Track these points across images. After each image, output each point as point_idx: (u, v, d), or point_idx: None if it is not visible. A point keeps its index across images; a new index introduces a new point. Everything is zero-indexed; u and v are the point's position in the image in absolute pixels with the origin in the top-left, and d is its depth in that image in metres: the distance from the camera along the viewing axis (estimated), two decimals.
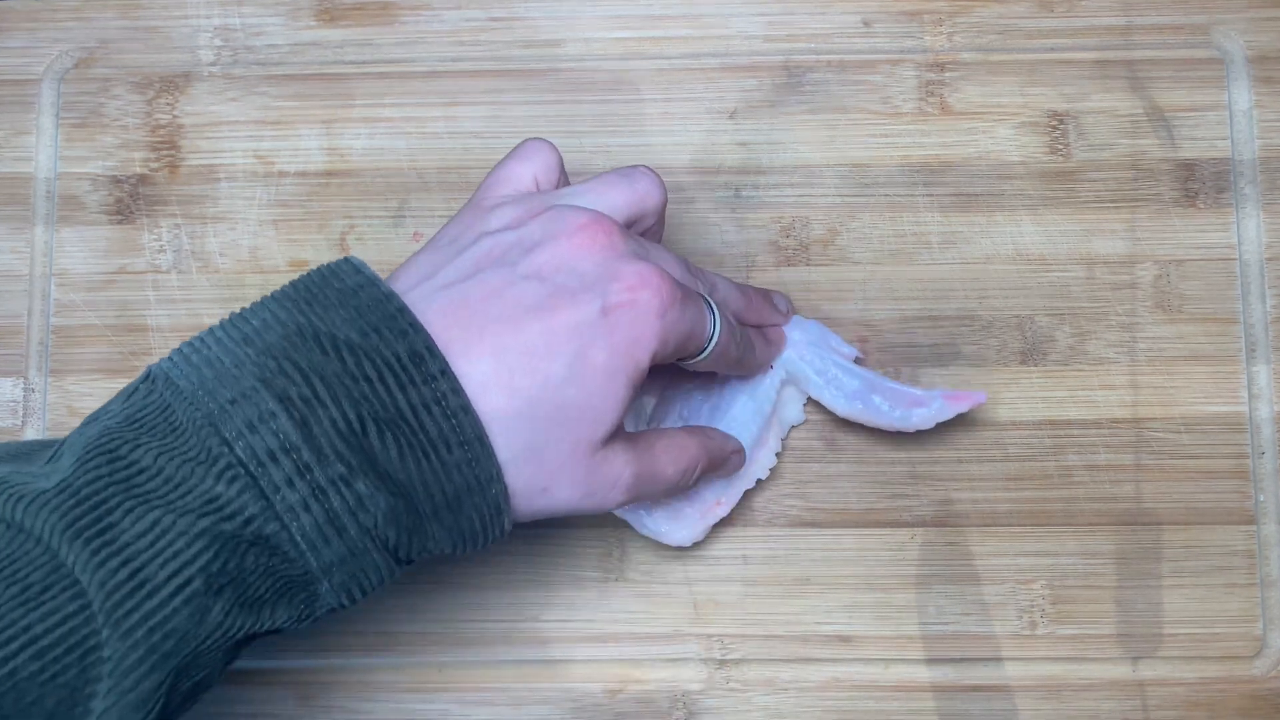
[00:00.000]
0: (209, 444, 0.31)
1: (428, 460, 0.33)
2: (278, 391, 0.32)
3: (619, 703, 0.45)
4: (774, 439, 0.45)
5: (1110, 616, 0.45)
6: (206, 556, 0.31)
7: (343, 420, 0.32)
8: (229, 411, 0.31)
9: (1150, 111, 0.48)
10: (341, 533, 0.32)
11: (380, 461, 0.32)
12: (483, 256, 0.35)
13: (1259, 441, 0.46)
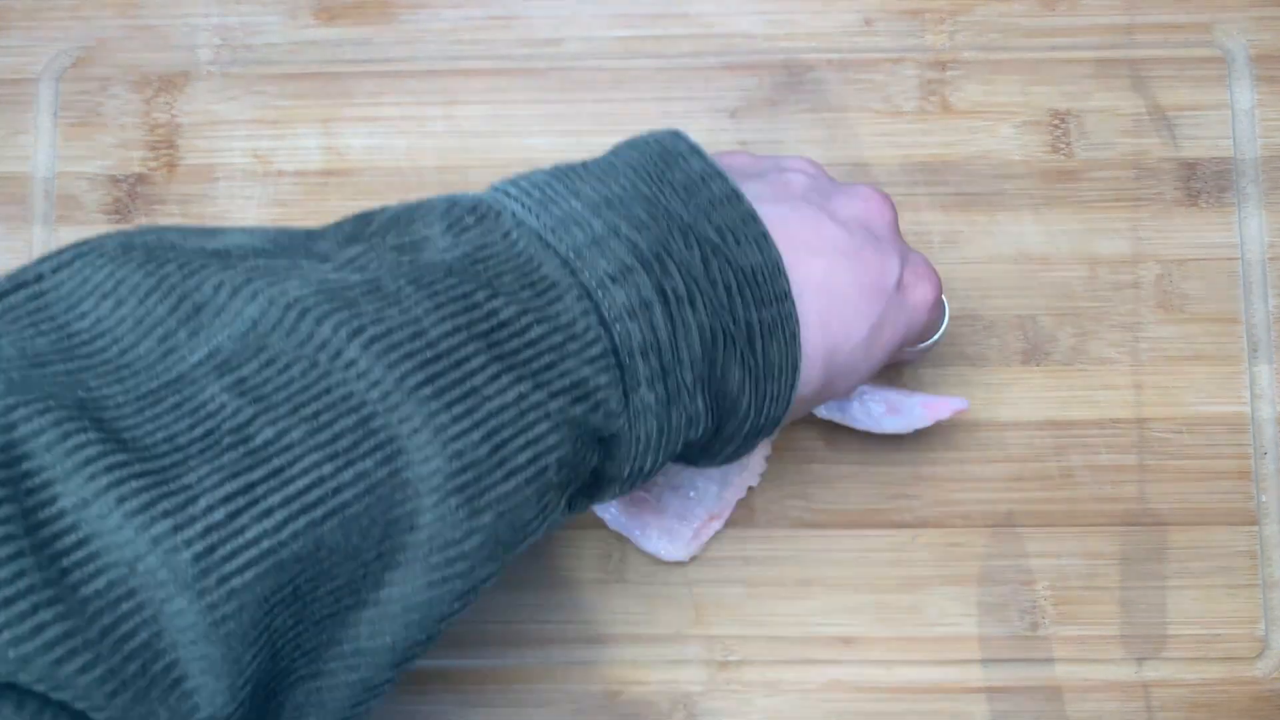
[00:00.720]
0: (585, 321, 0.28)
1: (757, 388, 0.31)
2: (655, 281, 0.29)
3: (619, 704, 0.45)
4: (763, 444, 0.44)
5: (1113, 617, 0.45)
6: (566, 447, 0.27)
7: (708, 329, 0.30)
8: (609, 289, 0.28)
9: (1152, 110, 0.47)
10: (666, 446, 0.30)
11: (719, 380, 0.30)
12: (787, 185, 0.34)
13: (1261, 442, 0.46)
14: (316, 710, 0.27)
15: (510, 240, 0.29)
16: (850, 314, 0.33)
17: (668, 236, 0.30)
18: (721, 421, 0.31)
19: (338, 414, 0.25)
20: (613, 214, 0.29)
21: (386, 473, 0.25)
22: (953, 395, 0.43)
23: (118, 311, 0.25)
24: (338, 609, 0.26)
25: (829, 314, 0.33)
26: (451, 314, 0.27)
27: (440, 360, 0.26)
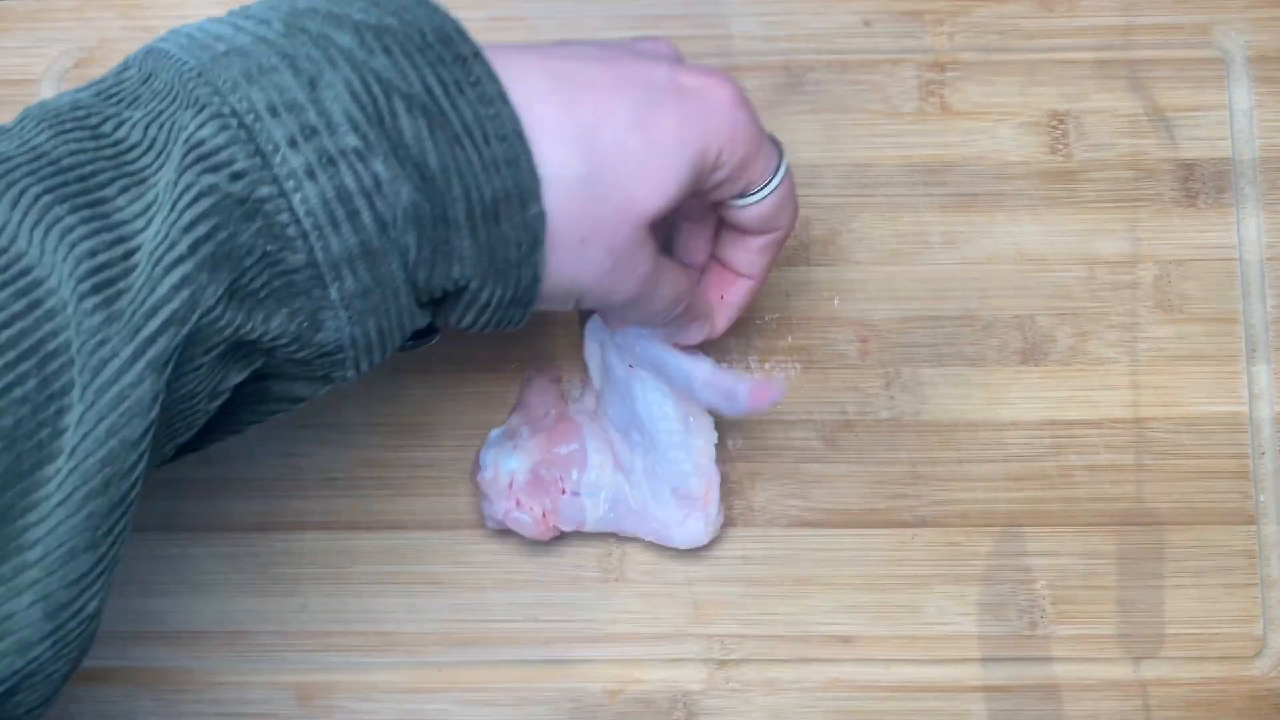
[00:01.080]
0: (197, 93, 0.27)
1: (460, 148, 0.29)
2: (280, 50, 0.27)
3: (619, 703, 0.45)
4: (700, 424, 0.44)
5: (1111, 617, 0.45)
6: (193, 216, 0.26)
7: (360, 86, 0.27)
8: (222, 63, 0.27)
9: (1151, 111, 0.48)
10: (354, 217, 0.27)
11: (405, 142, 0.28)
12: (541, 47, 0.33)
13: (1259, 441, 0.46)
14: (27, 589, 0.25)
15: (140, 69, 0.28)
16: (603, 96, 0.30)
17: (303, 20, 0.28)
18: (431, 197, 0.28)
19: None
20: (244, 19, 0.28)
21: (24, 304, 0.24)
22: (779, 379, 0.40)
23: None
24: (20, 464, 0.24)
25: (570, 94, 0.30)
26: (76, 139, 0.26)
27: (64, 174, 0.25)
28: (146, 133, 0.27)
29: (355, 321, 0.28)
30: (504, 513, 0.43)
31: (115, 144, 0.26)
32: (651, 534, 0.44)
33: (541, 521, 0.43)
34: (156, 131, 0.27)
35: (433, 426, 0.46)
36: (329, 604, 0.46)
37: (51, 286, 0.25)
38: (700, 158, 0.32)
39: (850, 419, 0.46)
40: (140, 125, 0.27)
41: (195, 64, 0.27)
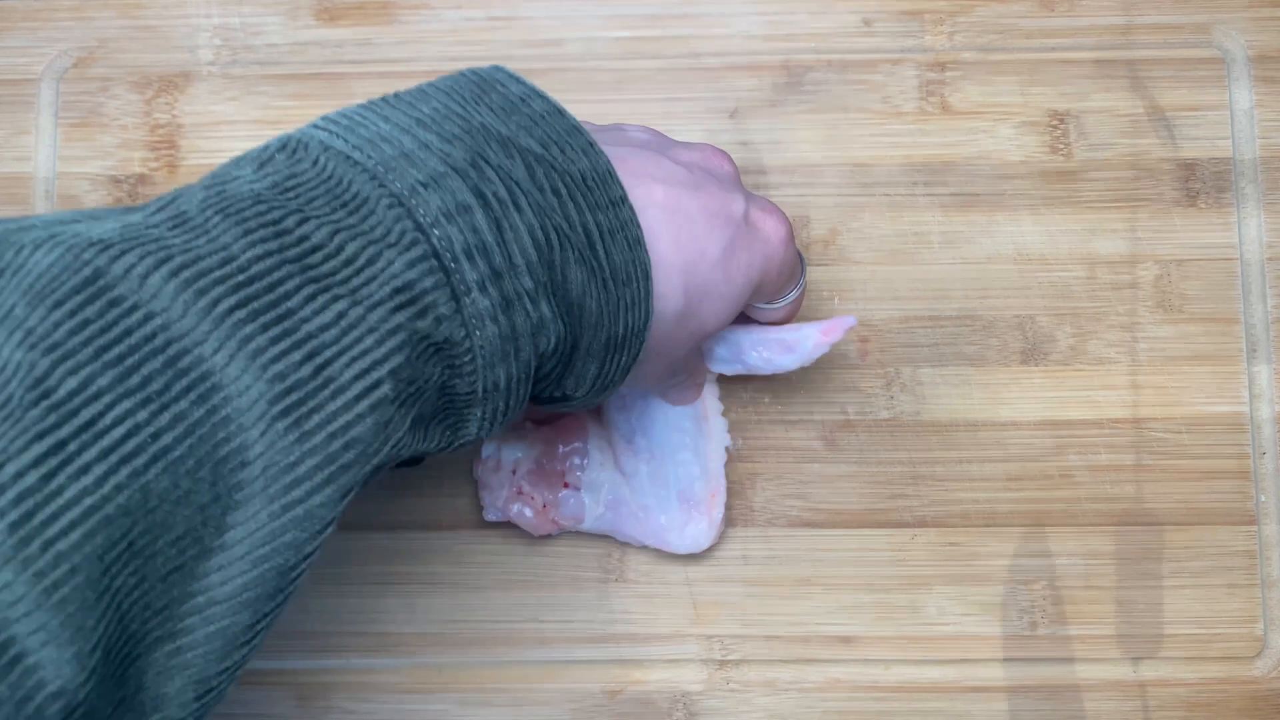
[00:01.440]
0: (400, 226, 0.27)
1: (606, 291, 0.30)
2: (472, 185, 0.28)
3: (619, 703, 0.45)
4: (713, 426, 0.44)
5: (1111, 617, 0.45)
6: (398, 359, 0.26)
7: (540, 232, 0.29)
8: (421, 195, 0.27)
9: (1151, 111, 0.47)
10: (517, 354, 0.29)
11: (568, 287, 0.30)
12: (624, 135, 0.35)
13: (1260, 441, 0.46)
14: (180, 672, 0.26)
15: (319, 166, 0.28)
16: (700, 232, 0.33)
17: (484, 146, 0.29)
18: (574, 331, 0.30)
19: (145, 355, 0.24)
20: (424, 131, 0.29)
21: (204, 411, 0.24)
22: (844, 316, 0.40)
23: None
24: (183, 561, 0.24)
25: (678, 230, 0.32)
26: (262, 239, 0.26)
27: (252, 284, 0.25)
28: (334, 239, 0.26)
29: (486, 419, 0.30)
30: (504, 501, 0.43)
31: (299, 242, 0.26)
32: (651, 537, 0.44)
33: (541, 513, 0.44)
34: (347, 241, 0.27)
35: None
36: (329, 604, 0.46)
37: (231, 394, 0.24)
38: (754, 287, 0.36)
39: (850, 419, 0.46)
40: (326, 228, 0.27)
41: (391, 191, 0.27)
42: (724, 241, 0.33)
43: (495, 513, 0.44)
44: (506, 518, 0.44)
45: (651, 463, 0.43)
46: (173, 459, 0.24)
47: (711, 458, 0.44)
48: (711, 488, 0.44)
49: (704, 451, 0.44)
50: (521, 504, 0.43)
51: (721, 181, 0.35)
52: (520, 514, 0.44)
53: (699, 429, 0.43)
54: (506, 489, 0.43)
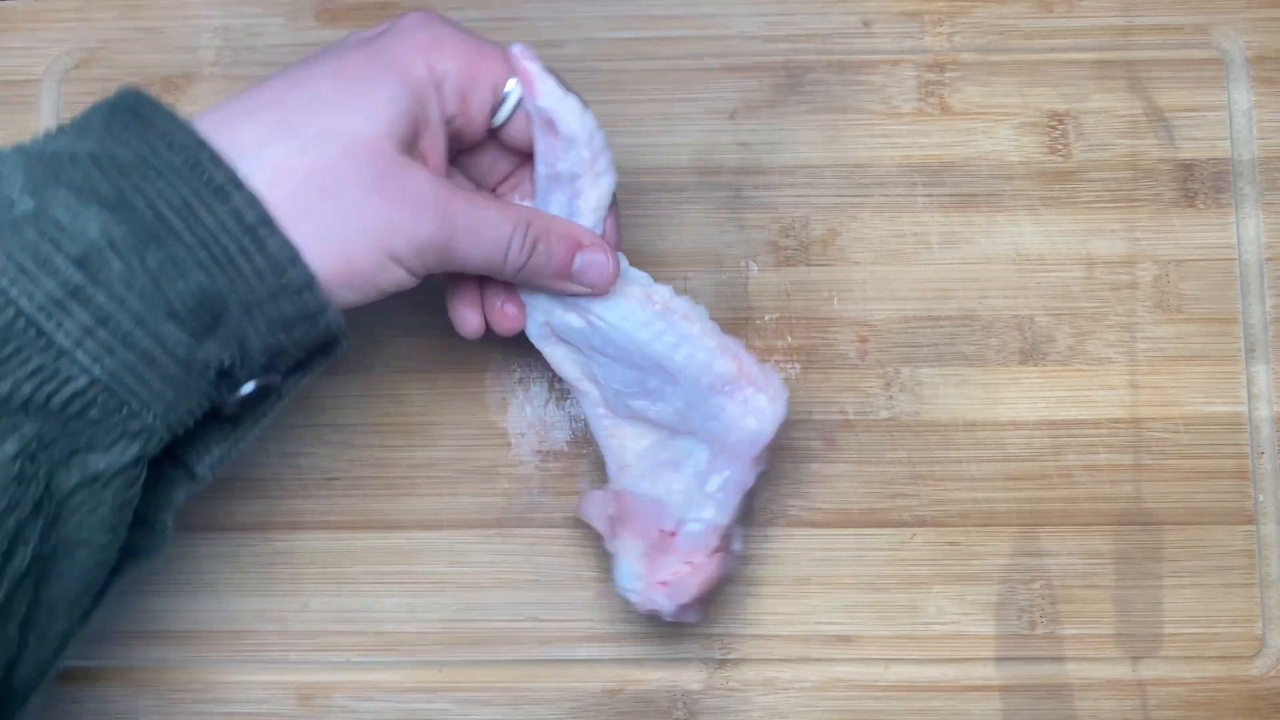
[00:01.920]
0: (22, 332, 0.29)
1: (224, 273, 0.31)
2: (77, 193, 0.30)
3: (619, 702, 0.45)
4: (680, 308, 0.40)
5: (1110, 616, 0.45)
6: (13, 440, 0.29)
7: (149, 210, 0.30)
8: (56, 312, 0.29)
9: (1150, 112, 0.48)
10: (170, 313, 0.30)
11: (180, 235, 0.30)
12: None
13: (1258, 441, 0.46)
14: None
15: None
16: (297, 86, 0.33)
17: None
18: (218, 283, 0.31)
19: None
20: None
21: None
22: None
23: None
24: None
25: (252, 107, 0.33)
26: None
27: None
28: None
29: (95, 359, 0.29)
30: (672, 606, 0.41)
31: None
32: (745, 449, 0.40)
33: (699, 569, 0.41)
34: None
35: (432, 426, 0.46)
36: (329, 604, 0.46)
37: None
38: (406, 75, 0.34)
39: (850, 419, 0.46)
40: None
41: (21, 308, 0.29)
42: (323, 65, 0.34)
43: (672, 616, 0.41)
44: (682, 617, 0.42)
45: (673, 393, 0.40)
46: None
47: (704, 334, 0.39)
48: (731, 356, 0.39)
49: (691, 335, 0.39)
50: (675, 587, 0.41)
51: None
52: (685, 590, 0.41)
53: (667, 321, 0.39)
54: (657, 593, 0.41)
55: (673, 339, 0.39)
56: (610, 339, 0.39)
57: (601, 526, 0.42)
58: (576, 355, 0.41)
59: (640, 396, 0.41)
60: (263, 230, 0.31)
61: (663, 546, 0.41)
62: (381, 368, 0.47)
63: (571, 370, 0.41)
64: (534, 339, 0.41)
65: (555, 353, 0.41)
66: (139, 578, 0.34)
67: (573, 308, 0.40)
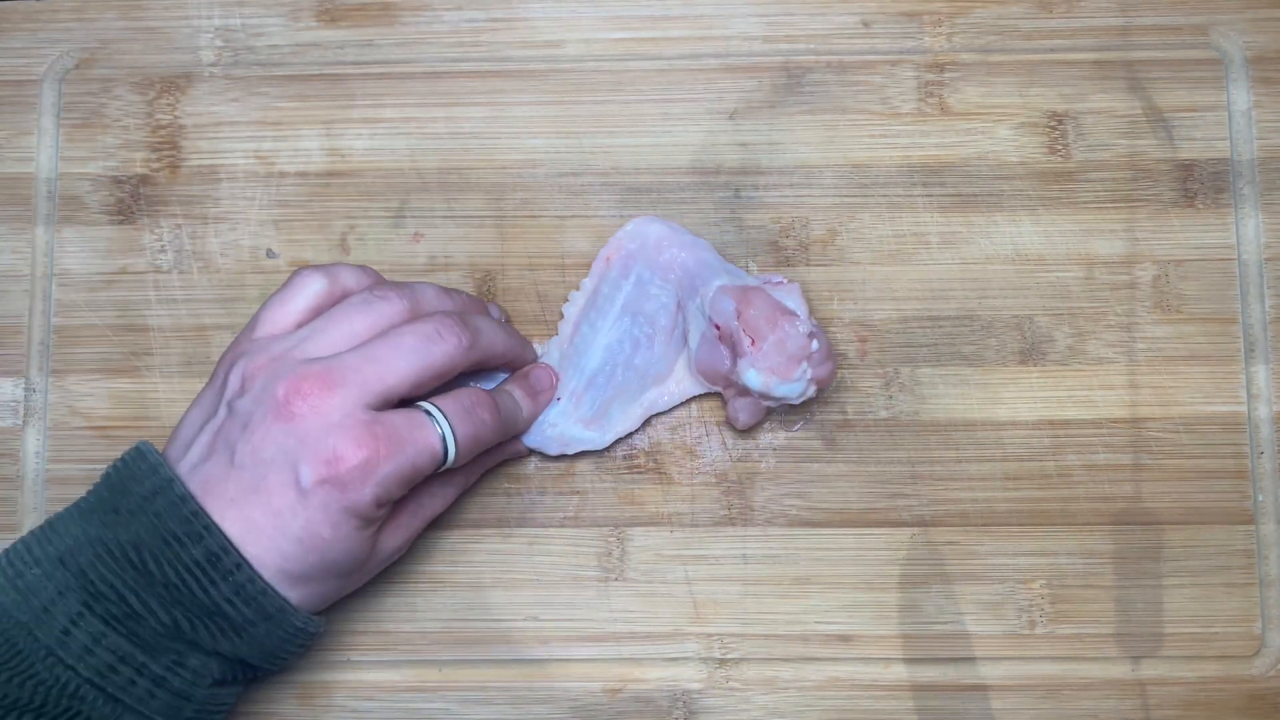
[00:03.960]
0: (55, 672, 0.36)
1: (240, 637, 0.38)
2: (102, 614, 0.36)
3: (619, 702, 0.45)
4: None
5: (1109, 616, 0.45)
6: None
7: (165, 622, 0.37)
8: (65, 642, 0.36)
9: (1149, 112, 0.48)
10: (190, 698, 0.37)
11: (203, 643, 0.37)
12: (214, 437, 0.39)
13: (1258, 441, 0.46)
14: None
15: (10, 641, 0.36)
16: (281, 540, 0.37)
17: (110, 569, 0.37)
18: (233, 658, 0.39)
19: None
20: (65, 571, 0.37)
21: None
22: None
23: None
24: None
25: (270, 541, 0.37)
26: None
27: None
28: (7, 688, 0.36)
29: None
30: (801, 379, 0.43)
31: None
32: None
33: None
34: (16, 689, 0.36)
35: None
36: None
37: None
38: (364, 521, 0.39)
39: (850, 419, 0.46)
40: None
41: (44, 645, 0.36)
42: (297, 533, 0.37)
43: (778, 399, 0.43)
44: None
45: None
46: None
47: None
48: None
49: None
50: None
51: (279, 457, 0.37)
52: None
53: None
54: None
55: (599, 320, 0.45)
56: (595, 381, 0.45)
57: (737, 405, 0.45)
58: (616, 412, 0.46)
59: (648, 346, 0.45)
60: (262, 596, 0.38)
61: (727, 338, 0.43)
62: None
63: (634, 416, 0.46)
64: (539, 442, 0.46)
65: (610, 430, 0.46)
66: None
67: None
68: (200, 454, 0.38)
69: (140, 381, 0.47)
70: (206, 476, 0.38)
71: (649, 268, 0.45)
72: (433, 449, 0.39)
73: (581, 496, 0.46)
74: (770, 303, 0.42)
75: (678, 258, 0.45)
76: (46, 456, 0.47)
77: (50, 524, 0.38)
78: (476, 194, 0.48)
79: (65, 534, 0.37)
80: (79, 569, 0.37)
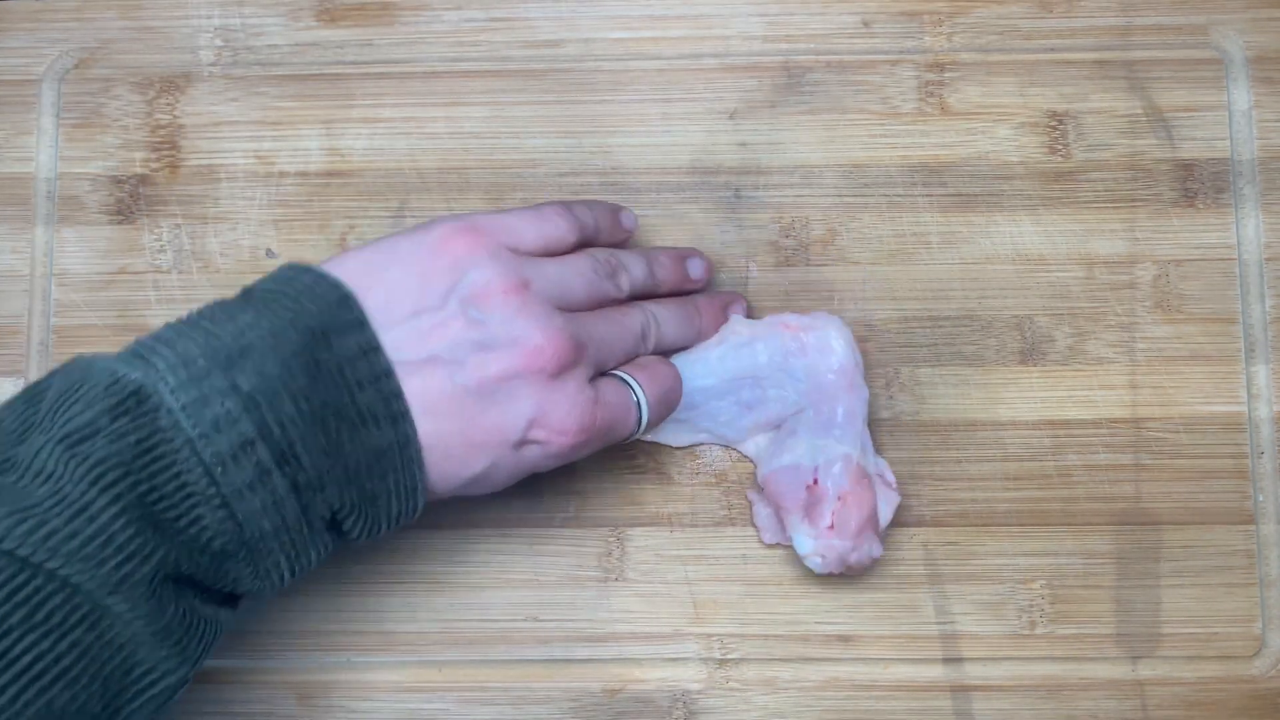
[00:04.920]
0: (214, 516, 0.34)
1: (387, 525, 0.37)
2: (274, 454, 0.34)
3: (618, 702, 0.45)
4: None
5: (1109, 616, 0.45)
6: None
7: (334, 503, 0.35)
8: (229, 470, 0.33)
9: (1149, 112, 0.48)
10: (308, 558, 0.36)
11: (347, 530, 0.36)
12: (439, 338, 0.37)
13: (1258, 441, 0.46)
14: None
15: (166, 441, 0.33)
16: (456, 464, 0.37)
17: (296, 411, 0.34)
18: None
19: (47, 594, 0.31)
20: (230, 371, 0.34)
21: (94, 636, 0.32)
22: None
23: None
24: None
25: (438, 463, 0.37)
26: (131, 517, 0.32)
27: (119, 552, 0.32)
28: (186, 510, 0.34)
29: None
30: (846, 545, 0.43)
31: (151, 492, 0.34)
32: (839, 380, 0.44)
33: (852, 498, 0.43)
34: (184, 510, 0.34)
35: None
36: (329, 604, 0.46)
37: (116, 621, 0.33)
38: (530, 468, 0.40)
39: None
40: (175, 489, 0.34)
41: (201, 458, 0.33)
42: (487, 463, 0.37)
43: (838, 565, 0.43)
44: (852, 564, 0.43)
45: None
46: (73, 677, 0.31)
47: (739, 325, 0.45)
48: (780, 328, 0.45)
49: (735, 338, 0.45)
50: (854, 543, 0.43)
51: (509, 397, 0.37)
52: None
53: (710, 354, 0.45)
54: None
55: (732, 358, 0.44)
56: (690, 400, 0.44)
57: (771, 524, 0.45)
58: (679, 425, 0.45)
59: (744, 413, 0.44)
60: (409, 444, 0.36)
61: (815, 499, 0.43)
62: None
63: (685, 438, 0.46)
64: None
65: (662, 437, 0.46)
66: None
67: None
68: (414, 349, 0.36)
69: None
70: (418, 379, 0.36)
71: (802, 363, 0.44)
72: (630, 423, 0.41)
73: (581, 496, 0.46)
74: (871, 508, 0.43)
75: (828, 383, 0.44)
76: None
77: (236, 332, 0.35)
78: (476, 194, 0.48)
79: (252, 361, 0.34)
80: (267, 409, 0.34)
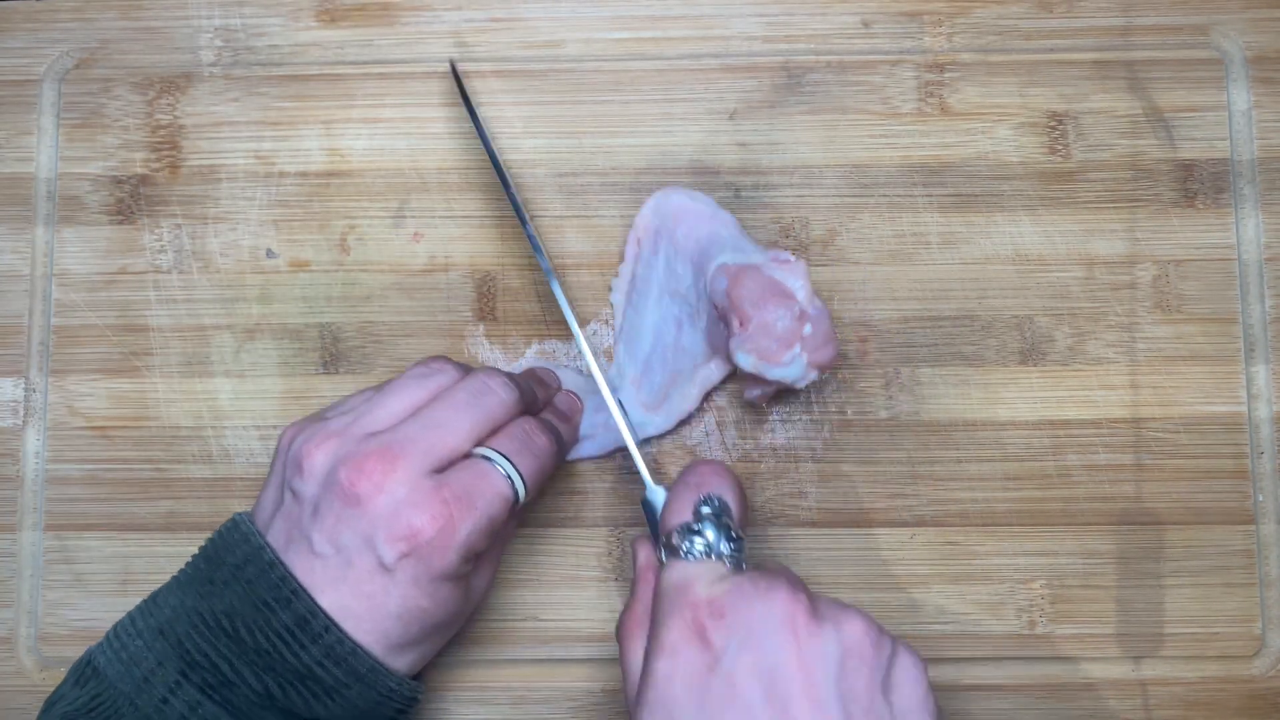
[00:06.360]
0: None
1: (333, 700, 0.37)
2: (198, 682, 0.37)
3: (619, 702, 0.45)
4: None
5: (1110, 616, 0.45)
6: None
7: (258, 689, 0.37)
8: (164, 711, 0.36)
9: (1149, 112, 0.48)
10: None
11: (296, 709, 0.37)
12: (288, 524, 0.38)
13: (1258, 441, 0.46)
14: None
15: (99, 690, 0.37)
16: (380, 618, 0.38)
17: (204, 639, 0.37)
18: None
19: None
20: (165, 641, 0.37)
21: None
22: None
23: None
24: None
25: (363, 619, 0.38)
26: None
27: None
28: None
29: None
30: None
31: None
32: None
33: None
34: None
35: None
36: None
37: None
38: (456, 575, 0.39)
39: (850, 419, 0.46)
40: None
41: (143, 714, 0.37)
42: (397, 606, 0.38)
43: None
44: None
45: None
46: None
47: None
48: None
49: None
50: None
51: (356, 540, 0.37)
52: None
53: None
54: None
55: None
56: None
57: None
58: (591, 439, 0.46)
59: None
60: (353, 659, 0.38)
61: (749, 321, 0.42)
62: (382, 368, 0.47)
63: (609, 441, 0.46)
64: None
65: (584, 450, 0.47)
66: None
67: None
68: (281, 541, 0.38)
69: (140, 381, 0.47)
70: (292, 563, 0.38)
71: (671, 244, 0.45)
72: (503, 495, 0.39)
73: (581, 496, 0.46)
74: (763, 282, 0.41)
75: (693, 232, 0.45)
76: (46, 456, 0.47)
77: (154, 596, 0.39)
78: (476, 194, 0.48)
79: (165, 605, 0.38)
80: (177, 639, 0.37)
